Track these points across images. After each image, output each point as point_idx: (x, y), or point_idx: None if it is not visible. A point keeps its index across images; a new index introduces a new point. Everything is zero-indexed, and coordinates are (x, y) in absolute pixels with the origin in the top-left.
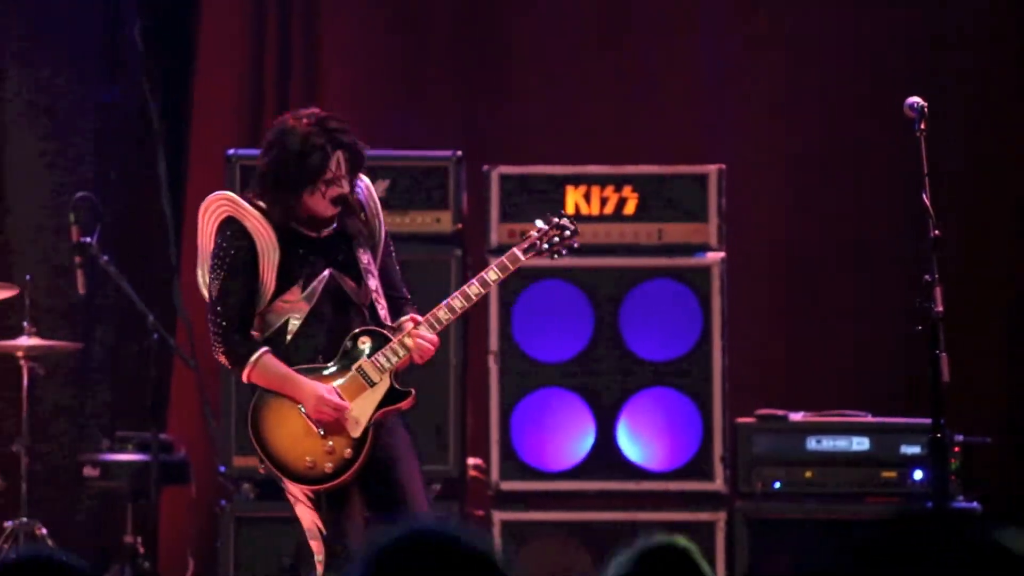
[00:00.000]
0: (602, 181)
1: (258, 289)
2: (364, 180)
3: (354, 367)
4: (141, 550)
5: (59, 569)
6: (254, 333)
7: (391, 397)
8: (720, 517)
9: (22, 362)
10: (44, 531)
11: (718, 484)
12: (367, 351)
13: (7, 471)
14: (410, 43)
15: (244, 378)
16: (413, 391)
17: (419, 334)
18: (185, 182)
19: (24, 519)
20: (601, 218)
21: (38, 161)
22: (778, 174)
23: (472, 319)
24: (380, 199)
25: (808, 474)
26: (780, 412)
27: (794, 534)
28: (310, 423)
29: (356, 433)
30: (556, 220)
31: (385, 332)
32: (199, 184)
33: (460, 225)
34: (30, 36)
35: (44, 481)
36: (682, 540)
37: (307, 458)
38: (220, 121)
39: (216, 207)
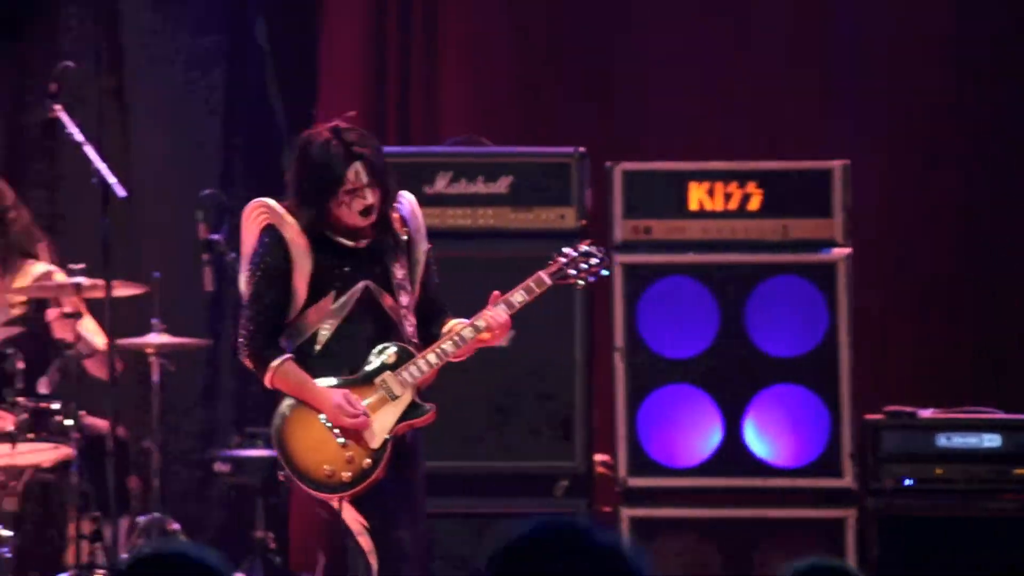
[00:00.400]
0: (726, 177)
1: (291, 298)
2: (407, 196)
3: (378, 380)
4: (272, 545)
5: (193, 563)
6: (284, 341)
7: (412, 412)
8: (850, 514)
9: (152, 359)
10: (176, 526)
11: (847, 481)
12: (392, 365)
13: (139, 467)
14: (530, 41)
15: (267, 383)
16: (434, 407)
17: (495, 319)
18: None
19: (156, 514)
20: (725, 214)
21: (165, 160)
22: (902, 168)
23: (597, 315)
24: (503, 195)
25: (938, 471)
26: (909, 409)
27: (925, 531)
28: (330, 432)
29: (375, 444)
30: (583, 248)
31: (411, 348)
32: None
33: (584, 221)
34: (157, 35)
35: (176, 477)
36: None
37: (326, 466)
38: (345, 110)
39: (257, 214)
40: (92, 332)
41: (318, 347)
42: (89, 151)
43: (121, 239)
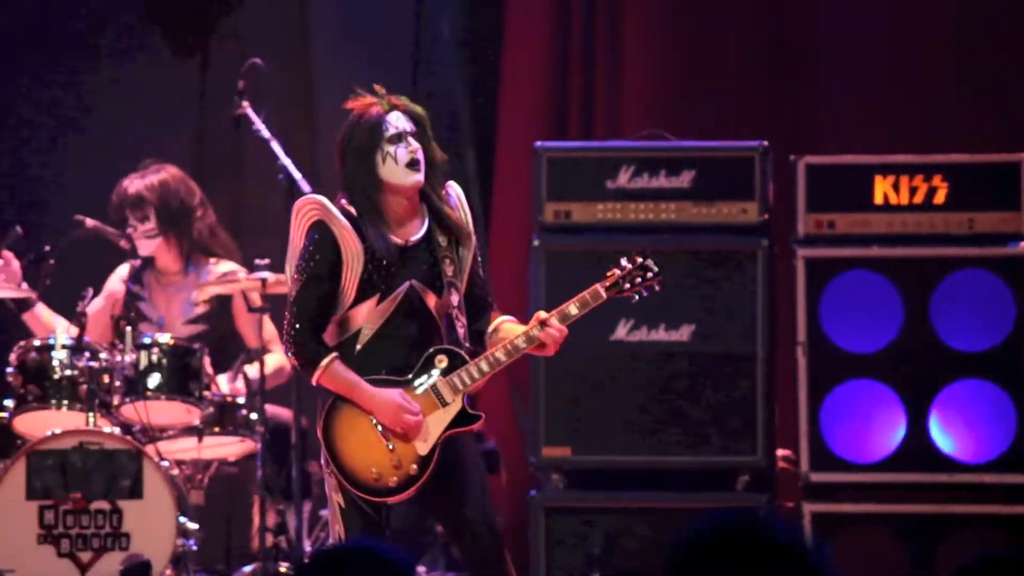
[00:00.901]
0: (911, 170)
1: (337, 296)
2: (454, 187)
3: (428, 385)
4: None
5: (378, 557)
6: (327, 337)
7: (461, 419)
8: None
9: None
10: None
11: None
12: (443, 370)
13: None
14: (714, 34)
15: (313, 381)
16: (483, 415)
17: (549, 333)
18: (492, 175)
19: None
20: (910, 207)
21: None
22: None
23: (779, 310)
24: (686, 189)
25: None
26: None
27: None
28: (378, 435)
29: (423, 451)
30: (640, 260)
31: (463, 353)
32: (506, 177)
33: (766, 215)
34: (344, 30)
35: None
36: None
37: (373, 469)
38: (527, 114)
39: (308, 210)
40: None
41: (359, 346)
42: (275, 147)
43: None
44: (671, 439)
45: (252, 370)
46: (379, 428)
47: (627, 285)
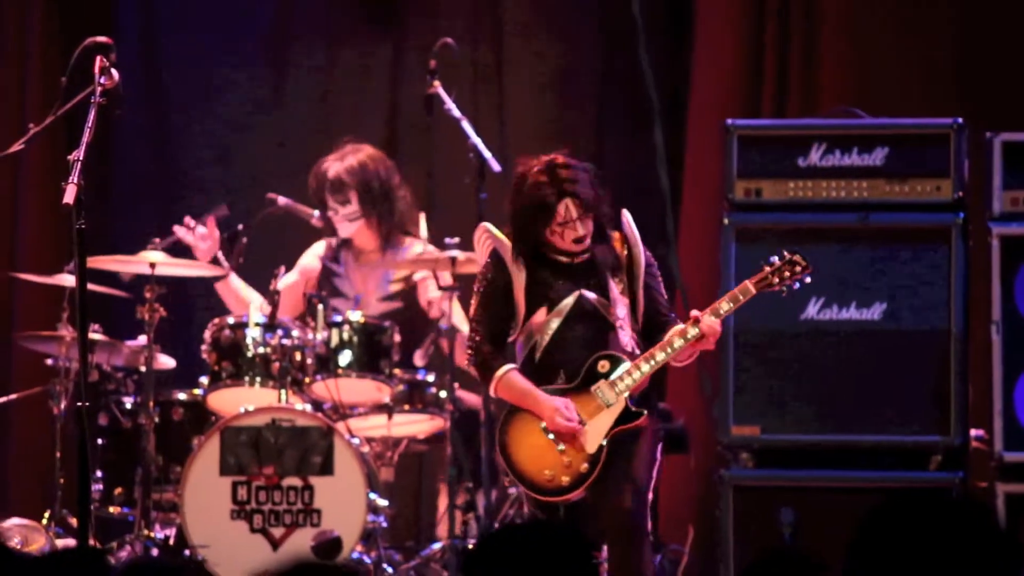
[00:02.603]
0: None
1: (513, 311)
2: (626, 215)
3: (593, 388)
4: None
5: (555, 537)
6: (518, 351)
7: (625, 417)
8: None
9: None
10: None
11: None
12: (605, 374)
13: None
14: (911, 9)
15: (492, 392)
16: (645, 413)
17: (704, 327)
18: (683, 152)
19: None
20: None
21: (540, 132)
22: None
23: (973, 288)
24: (878, 167)
25: None
26: None
27: None
28: (549, 439)
29: (592, 449)
30: (788, 256)
31: (623, 357)
32: (697, 154)
33: (961, 193)
34: (535, 11)
35: None
36: None
37: (547, 472)
38: (718, 90)
39: (484, 239)
40: (458, 318)
41: (538, 355)
42: (466, 126)
43: (497, 213)
44: (862, 418)
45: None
46: (551, 437)
47: (775, 280)
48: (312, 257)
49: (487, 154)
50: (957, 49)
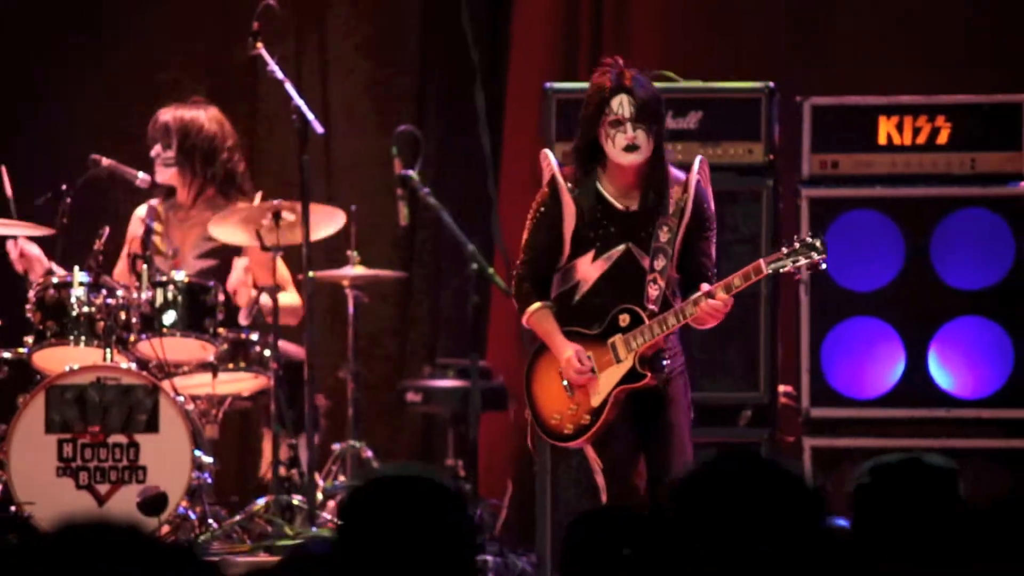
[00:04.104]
0: (915, 111)
1: (560, 246)
2: (698, 163)
3: (609, 341)
4: (462, 473)
5: (433, 486)
6: (555, 283)
7: (630, 377)
8: None
9: (348, 291)
10: (370, 454)
11: None
12: (624, 328)
13: (334, 396)
14: None
15: (524, 322)
16: (649, 376)
17: (711, 300)
18: (503, 115)
19: (351, 442)
20: (914, 148)
21: (362, 96)
22: None
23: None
24: (693, 131)
25: None
26: None
27: None
28: (564, 384)
29: (595, 403)
30: (808, 239)
31: (643, 314)
32: (516, 117)
33: (772, 156)
34: None
35: (369, 406)
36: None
37: (555, 415)
38: (537, 55)
39: (545, 165)
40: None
41: (577, 298)
42: (289, 88)
43: (320, 173)
44: None
45: (266, 300)
46: (565, 383)
47: (789, 262)
48: (135, 220)
49: (310, 116)
50: (771, 12)
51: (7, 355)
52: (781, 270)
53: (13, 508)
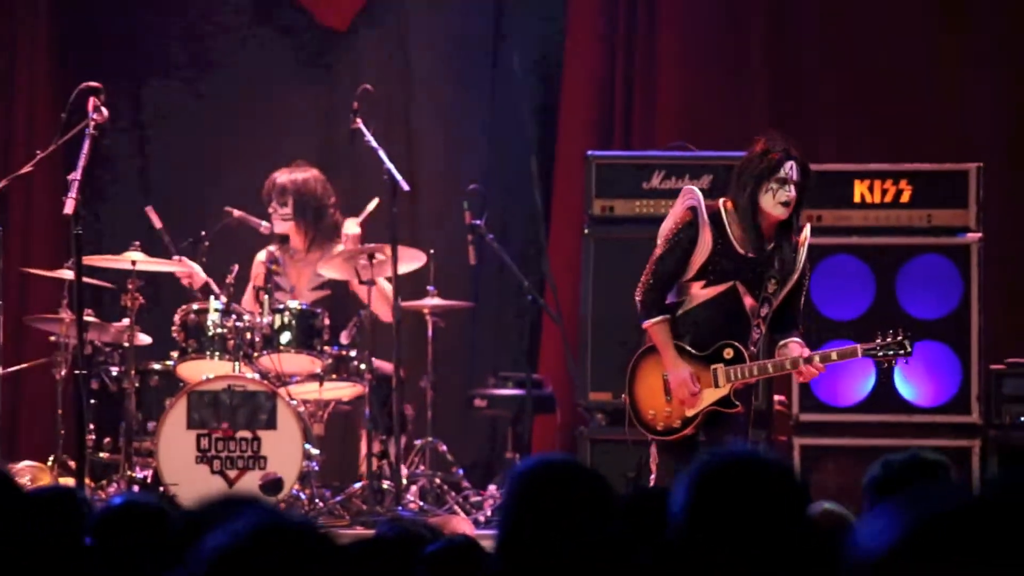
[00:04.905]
0: (883, 176)
1: (685, 269)
2: (806, 231)
3: (712, 367)
4: None
5: (580, 472)
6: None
7: (723, 403)
8: (975, 444)
9: (428, 317)
10: (444, 448)
11: (974, 417)
12: (727, 360)
13: (416, 402)
14: (726, 74)
15: (644, 326)
16: (741, 407)
17: (809, 368)
18: (552, 177)
19: (430, 438)
20: (882, 205)
21: (440, 161)
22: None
23: None
24: (705, 190)
25: None
26: None
27: None
28: (664, 388)
29: (690, 413)
30: (900, 338)
31: (745, 353)
32: (563, 179)
33: None
34: (437, 63)
35: (444, 409)
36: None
37: (651, 411)
38: (580, 128)
39: (687, 197)
40: (382, 296)
41: (680, 312)
42: (381, 154)
43: (406, 224)
44: None
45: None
46: (667, 385)
47: (880, 353)
48: (257, 263)
49: (398, 176)
50: (764, 97)
51: (157, 367)
52: (874, 358)
53: (162, 488)
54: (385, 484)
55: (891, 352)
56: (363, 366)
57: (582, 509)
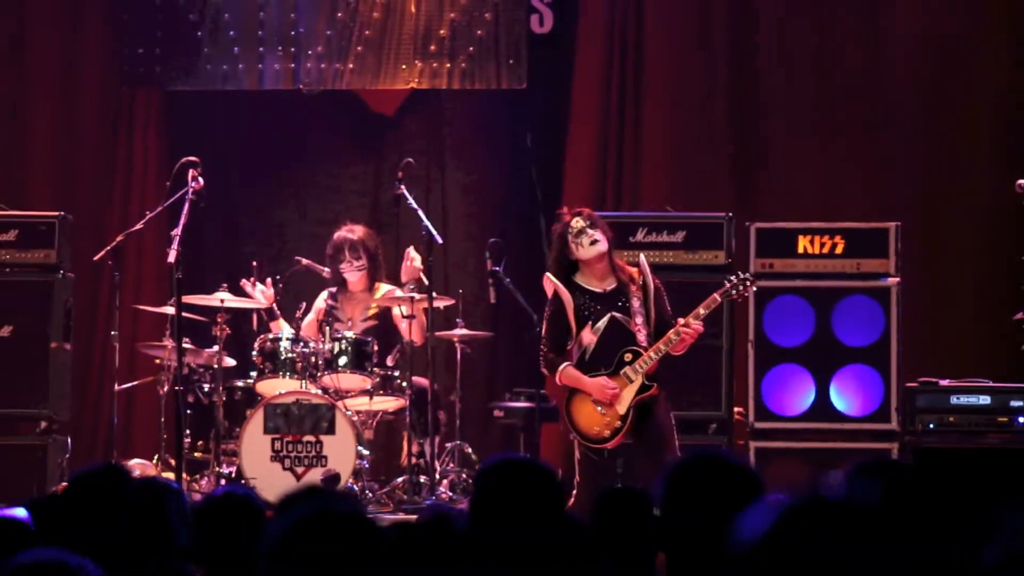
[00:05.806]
0: (821, 232)
1: (568, 329)
2: (642, 256)
3: (621, 372)
4: None
5: (539, 471)
6: (572, 355)
7: (642, 390)
8: (894, 447)
9: (457, 344)
10: (469, 449)
11: (893, 425)
12: (630, 361)
13: (448, 412)
14: (698, 148)
15: (556, 381)
16: (656, 385)
17: (687, 328)
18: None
19: (458, 441)
20: (820, 255)
21: (467, 219)
22: (943, 226)
23: (738, 320)
24: (679, 243)
25: (952, 419)
26: (934, 379)
27: (943, 458)
28: (595, 408)
29: (622, 412)
30: (741, 275)
31: (641, 351)
32: None
33: (730, 260)
34: (463, 140)
35: (469, 418)
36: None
37: (595, 428)
38: (580, 190)
39: (548, 283)
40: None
41: (587, 357)
42: (420, 214)
43: (439, 269)
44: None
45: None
46: (599, 408)
47: (733, 292)
48: (320, 300)
49: (434, 231)
50: (727, 168)
51: (240, 384)
52: (729, 298)
53: (243, 481)
54: (422, 478)
55: (739, 289)
56: (404, 383)
57: (534, 494)
